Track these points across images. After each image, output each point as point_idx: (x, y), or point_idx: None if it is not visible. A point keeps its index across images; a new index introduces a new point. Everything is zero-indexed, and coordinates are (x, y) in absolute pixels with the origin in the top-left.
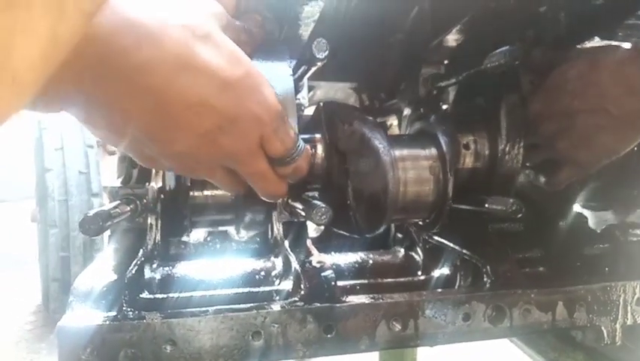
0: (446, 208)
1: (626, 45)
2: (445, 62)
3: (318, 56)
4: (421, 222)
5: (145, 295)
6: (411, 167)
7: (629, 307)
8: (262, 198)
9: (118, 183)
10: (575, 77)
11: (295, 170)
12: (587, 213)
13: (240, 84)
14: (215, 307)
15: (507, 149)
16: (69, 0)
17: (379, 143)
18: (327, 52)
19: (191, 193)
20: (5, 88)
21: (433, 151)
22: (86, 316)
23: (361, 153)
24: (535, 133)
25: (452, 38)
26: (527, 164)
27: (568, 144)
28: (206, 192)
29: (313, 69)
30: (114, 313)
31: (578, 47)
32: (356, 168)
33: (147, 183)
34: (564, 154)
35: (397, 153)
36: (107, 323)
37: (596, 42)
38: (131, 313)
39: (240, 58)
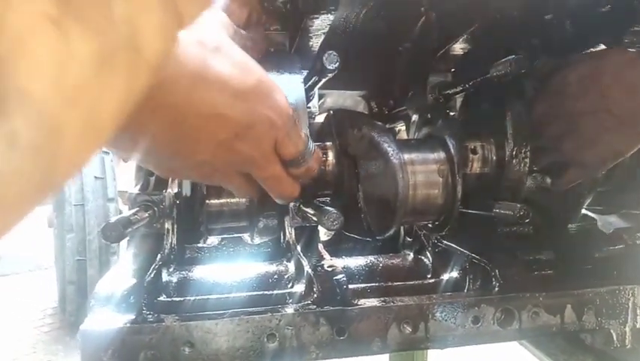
0: (455, 210)
1: (628, 49)
2: (452, 70)
3: (329, 68)
4: (430, 225)
5: (163, 298)
6: (420, 170)
7: (638, 311)
8: (276, 200)
9: (135, 190)
10: (576, 80)
11: (307, 170)
12: (595, 216)
13: (253, 92)
14: (231, 310)
15: (514, 154)
16: (142, 61)
17: (388, 146)
18: (337, 64)
19: (207, 201)
20: (92, 138)
21: (442, 154)
22: (107, 319)
23: (371, 156)
24: (541, 136)
25: (459, 47)
26: (534, 167)
27: (573, 146)
28: (221, 200)
29: (324, 80)
30: (134, 316)
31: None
32: (366, 171)
33: (164, 190)
34: (570, 156)
35: (406, 156)
36: (128, 325)
37: (601, 49)
38: (150, 316)
39: (251, 66)
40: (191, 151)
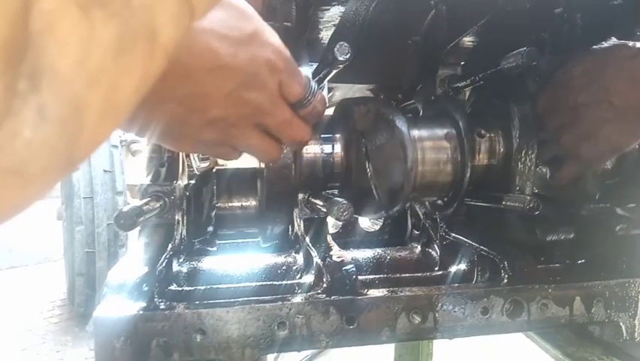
0: (464, 186)
1: (633, 44)
2: (462, 63)
3: (340, 59)
4: (440, 202)
5: (173, 287)
6: (428, 146)
7: None
8: (291, 147)
9: (147, 180)
10: (580, 74)
11: (313, 110)
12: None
13: (251, 40)
14: (242, 299)
15: (521, 147)
16: (158, 47)
17: (394, 116)
18: (349, 55)
19: (217, 205)
20: (110, 118)
21: (451, 130)
22: (120, 307)
23: (377, 127)
24: (542, 129)
25: (468, 40)
26: (538, 161)
27: (572, 138)
28: (231, 204)
29: (334, 71)
30: (146, 303)
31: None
32: (374, 143)
33: (174, 181)
34: (569, 149)
35: (415, 131)
36: (140, 313)
37: (613, 42)
38: (162, 303)
39: (247, 14)
40: (202, 108)
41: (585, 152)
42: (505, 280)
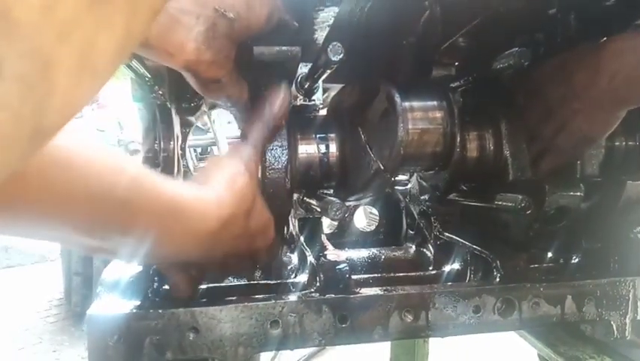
0: (453, 154)
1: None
2: (456, 63)
3: (333, 59)
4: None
5: (167, 286)
6: (419, 116)
7: (638, 303)
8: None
9: None
10: (550, 70)
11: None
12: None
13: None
14: (235, 297)
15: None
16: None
17: (377, 82)
18: (342, 55)
19: None
20: (87, 79)
21: (442, 101)
22: (114, 305)
23: (366, 94)
24: (525, 126)
25: (462, 41)
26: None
27: (549, 131)
28: None
29: (328, 72)
30: (140, 302)
31: None
32: (365, 109)
33: None
34: (547, 142)
35: (406, 103)
36: (134, 311)
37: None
38: (155, 302)
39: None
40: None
41: (561, 143)
42: (497, 279)
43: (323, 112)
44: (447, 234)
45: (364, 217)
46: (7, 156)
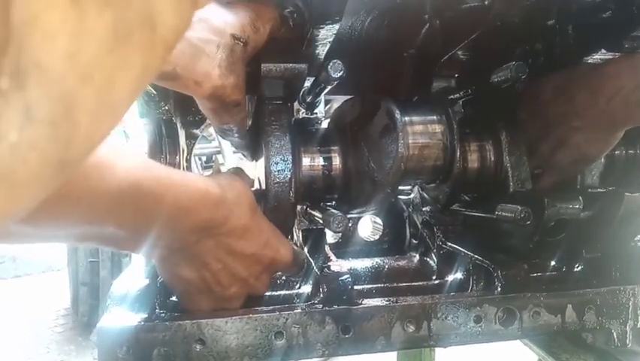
0: (453, 168)
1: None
2: (456, 75)
3: (333, 76)
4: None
5: (174, 298)
6: (419, 130)
7: (639, 311)
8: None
9: None
10: (550, 88)
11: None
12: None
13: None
14: (241, 309)
15: (511, 157)
16: (158, 37)
17: (378, 98)
18: (342, 72)
19: None
20: (107, 116)
21: (441, 115)
22: (123, 317)
23: (367, 110)
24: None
25: (462, 53)
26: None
27: (548, 148)
28: None
29: (329, 87)
30: (148, 314)
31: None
32: (366, 124)
33: None
34: (545, 159)
35: (406, 117)
36: (142, 323)
37: (602, 54)
38: (163, 314)
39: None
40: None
41: (560, 161)
42: (499, 289)
43: (325, 123)
44: (449, 243)
45: (368, 226)
46: (35, 190)
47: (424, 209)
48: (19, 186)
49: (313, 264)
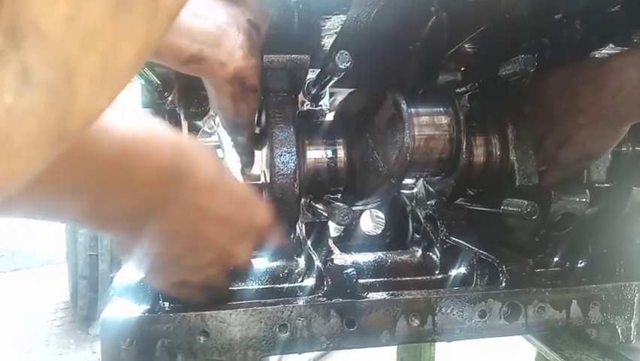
0: (460, 161)
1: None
2: (462, 69)
3: (340, 67)
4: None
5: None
6: (425, 122)
7: None
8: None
9: None
10: (554, 84)
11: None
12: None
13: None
14: (245, 301)
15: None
16: (160, 7)
17: (387, 88)
18: (349, 63)
19: None
20: (108, 86)
21: (447, 107)
22: (126, 309)
23: (373, 101)
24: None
25: (468, 47)
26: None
27: (552, 144)
28: None
29: (335, 79)
30: (151, 306)
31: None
32: (372, 115)
33: None
34: (550, 155)
35: (412, 109)
36: (145, 315)
37: (610, 49)
38: (167, 306)
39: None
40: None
41: (564, 157)
42: (504, 284)
43: (329, 116)
44: (453, 238)
45: (371, 221)
46: (33, 159)
47: (428, 203)
48: (15, 154)
49: (317, 257)
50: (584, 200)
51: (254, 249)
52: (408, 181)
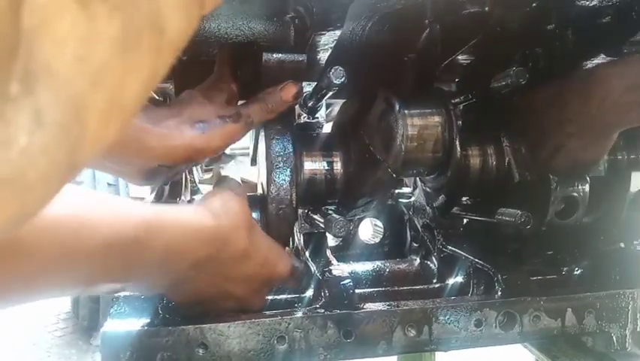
0: (453, 160)
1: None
2: (456, 80)
3: (335, 82)
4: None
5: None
6: (418, 123)
7: (638, 314)
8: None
9: (151, 197)
10: (546, 96)
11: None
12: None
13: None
14: (243, 314)
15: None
16: (165, 40)
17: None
18: (343, 78)
19: None
20: (116, 118)
21: (440, 109)
22: (126, 322)
23: (365, 102)
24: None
25: (462, 58)
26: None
27: (545, 154)
28: None
29: (330, 93)
30: (151, 319)
31: None
32: (365, 114)
33: (177, 199)
34: (544, 165)
35: (406, 110)
36: (145, 328)
37: (602, 59)
38: (166, 319)
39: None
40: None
41: (558, 167)
42: (499, 293)
43: (326, 127)
44: (450, 247)
45: (369, 229)
46: (45, 193)
47: (426, 209)
48: (28, 189)
49: (315, 268)
50: (586, 185)
51: (270, 291)
52: (405, 190)
